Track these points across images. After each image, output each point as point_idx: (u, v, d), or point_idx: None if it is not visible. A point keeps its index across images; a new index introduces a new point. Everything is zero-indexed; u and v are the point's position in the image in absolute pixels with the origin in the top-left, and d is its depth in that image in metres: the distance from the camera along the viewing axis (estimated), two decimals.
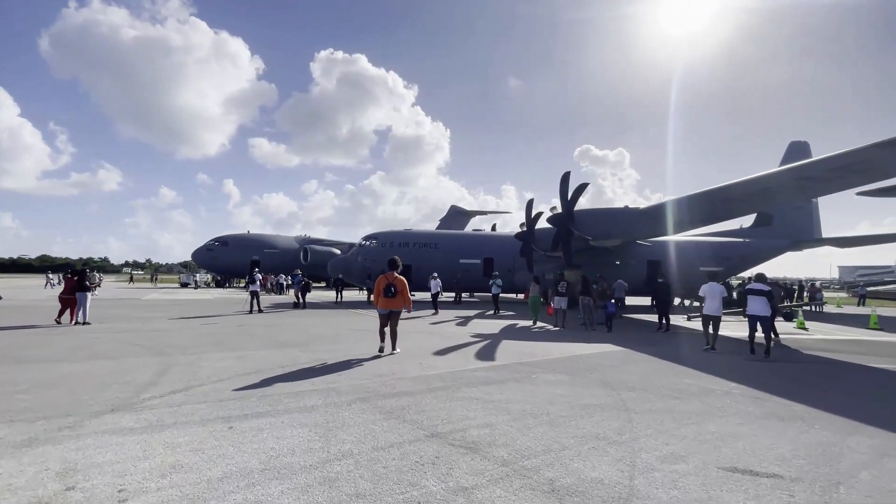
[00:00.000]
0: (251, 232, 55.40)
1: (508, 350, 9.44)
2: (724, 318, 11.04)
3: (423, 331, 12.69)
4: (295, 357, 8.49)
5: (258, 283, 19.31)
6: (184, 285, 46.49)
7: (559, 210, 19.32)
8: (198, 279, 47.54)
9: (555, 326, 14.78)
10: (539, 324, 15.20)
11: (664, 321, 13.80)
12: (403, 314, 9.40)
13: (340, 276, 25.57)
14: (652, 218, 17.73)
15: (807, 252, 33.19)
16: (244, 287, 36.24)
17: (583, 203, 18.62)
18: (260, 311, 17.39)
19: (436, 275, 21.35)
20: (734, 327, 14.51)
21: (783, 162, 29.48)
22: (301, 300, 20.12)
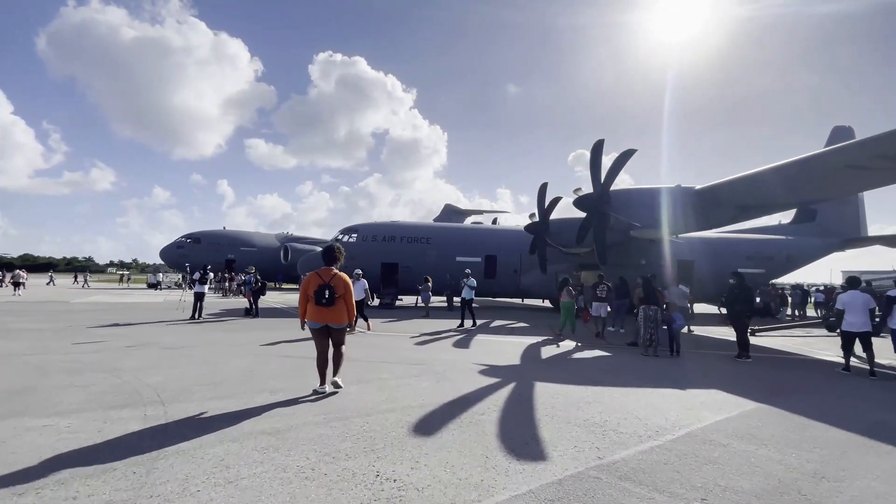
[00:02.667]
0: (227, 228, 50.79)
1: (557, 418, 5.00)
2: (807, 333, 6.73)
3: (402, 359, 8.24)
4: (126, 426, 4.03)
5: (208, 283, 15.07)
6: (151, 286, 41.72)
7: (587, 191, 14.92)
8: (161, 279, 42.69)
9: (597, 335, 11.99)
10: (564, 343, 10.81)
11: (743, 338, 9.41)
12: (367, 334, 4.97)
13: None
14: (710, 201, 13.42)
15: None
16: (219, 286, 31.63)
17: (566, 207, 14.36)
18: (199, 317, 14.35)
19: (429, 280, 16.90)
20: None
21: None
22: (252, 307, 15.62)
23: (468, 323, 13.41)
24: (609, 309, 12.82)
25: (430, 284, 16.75)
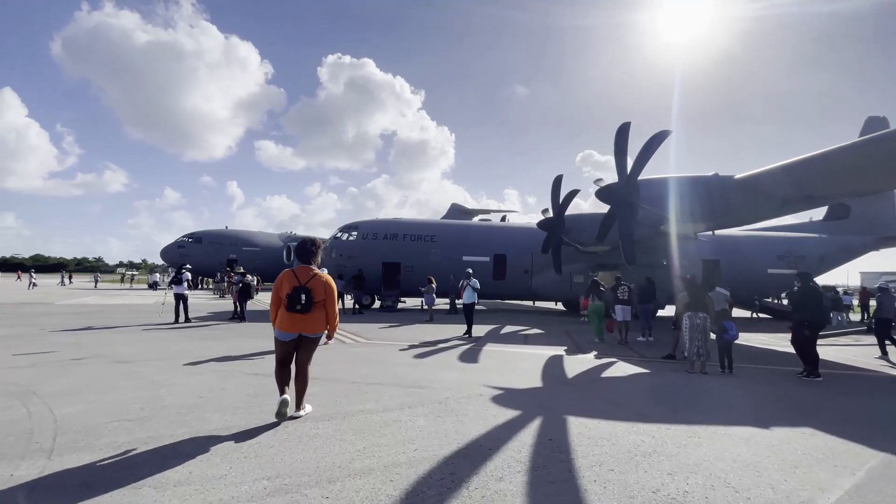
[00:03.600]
0: (229, 228, 49.77)
1: (611, 487, 3.40)
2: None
3: (395, 379, 6.71)
4: None
5: (186, 283, 13.70)
6: (151, 286, 40.73)
7: (607, 181, 13.27)
8: (158, 279, 41.72)
9: (620, 342, 11.02)
10: (584, 354, 9.22)
11: (811, 352, 7.75)
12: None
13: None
14: (751, 192, 11.73)
15: None
16: (218, 286, 30.39)
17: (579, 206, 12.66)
18: (188, 319, 13.29)
19: (432, 281, 15.37)
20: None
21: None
22: (239, 309, 14.20)
23: (471, 329, 11.83)
24: (629, 316, 11.30)
25: (433, 286, 15.24)
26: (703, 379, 7.34)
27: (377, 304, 20.07)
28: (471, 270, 11.86)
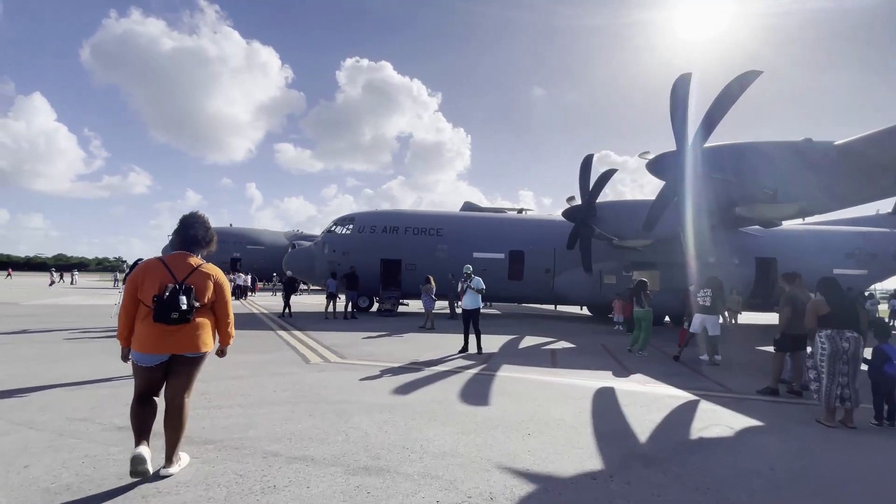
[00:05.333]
0: (234, 226, 48.09)
1: None
2: None
3: (338, 448, 3.98)
4: None
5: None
6: None
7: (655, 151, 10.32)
8: None
9: (675, 358, 8.67)
10: (636, 376, 6.36)
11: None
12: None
13: (289, 273, 17.03)
14: (859, 162, 8.70)
15: None
16: None
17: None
18: None
19: (430, 281, 12.65)
20: None
21: None
22: None
23: (480, 343, 8.97)
24: (714, 329, 8.42)
25: (432, 286, 12.50)
26: (861, 440, 4.45)
27: (376, 306, 17.45)
28: (470, 268, 9.01)
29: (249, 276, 29.58)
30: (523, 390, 5.92)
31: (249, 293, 28.26)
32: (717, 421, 4.94)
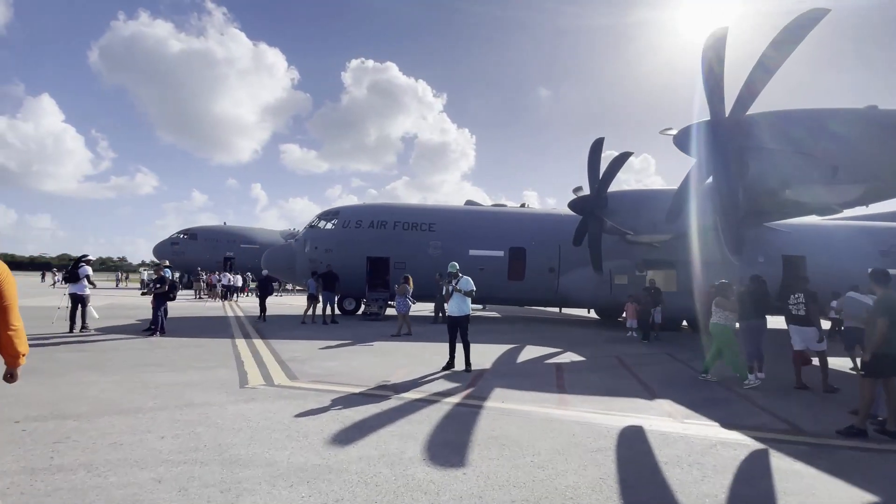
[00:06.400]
0: (227, 224, 46.70)
1: None
2: None
3: None
4: None
5: (86, 279, 10.43)
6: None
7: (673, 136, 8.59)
8: (145, 278, 38.66)
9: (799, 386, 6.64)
10: (679, 423, 4.68)
11: None
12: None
13: (264, 273, 15.42)
14: None
15: None
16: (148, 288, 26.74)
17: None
18: (84, 328, 10.22)
19: (408, 280, 10.98)
20: None
21: None
22: (157, 318, 10.10)
23: (469, 359, 7.29)
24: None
25: (409, 286, 10.84)
26: None
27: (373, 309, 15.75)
28: (457, 266, 7.30)
29: (239, 276, 27.99)
30: (518, 435, 4.25)
31: (238, 294, 26.72)
32: (808, 492, 3.26)
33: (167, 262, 12.29)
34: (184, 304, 18.68)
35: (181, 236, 40.59)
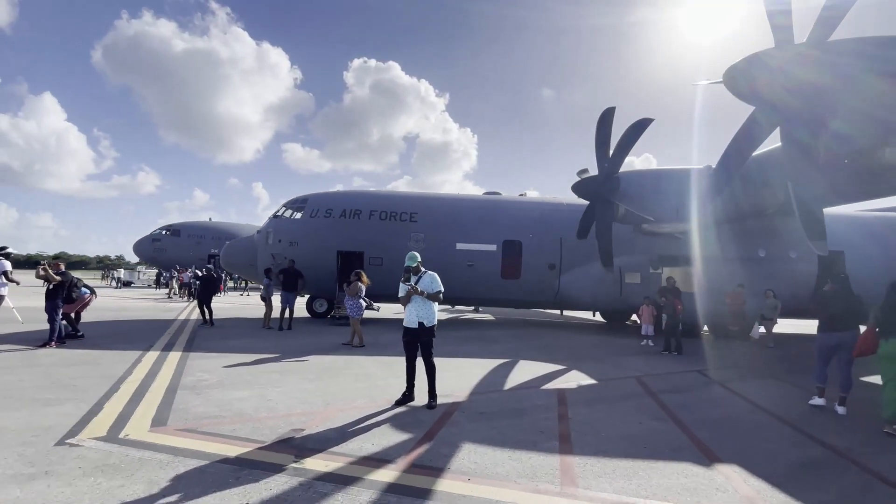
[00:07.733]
0: (212, 220, 44.69)
1: None
2: None
3: None
4: None
5: (4, 275, 9.19)
6: (125, 284, 35.87)
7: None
8: (121, 276, 36.82)
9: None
10: None
11: None
12: None
13: (220, 269, 13.30)
14: None
15: None
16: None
17: None
18: None
19: (361, 276, 8.78)
20: None
21: None
22: (55, 323, 7.98)
23: (434, 391, 5.10)
24: None
25: (362, 285, 8.66)
26: None
27: (343, 312, 13.60)
28: (417, 256, 5.12)
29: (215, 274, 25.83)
30: None
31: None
32: None
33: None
34: (145, 305, 16.57)
35: (163, 232, 38.63)
